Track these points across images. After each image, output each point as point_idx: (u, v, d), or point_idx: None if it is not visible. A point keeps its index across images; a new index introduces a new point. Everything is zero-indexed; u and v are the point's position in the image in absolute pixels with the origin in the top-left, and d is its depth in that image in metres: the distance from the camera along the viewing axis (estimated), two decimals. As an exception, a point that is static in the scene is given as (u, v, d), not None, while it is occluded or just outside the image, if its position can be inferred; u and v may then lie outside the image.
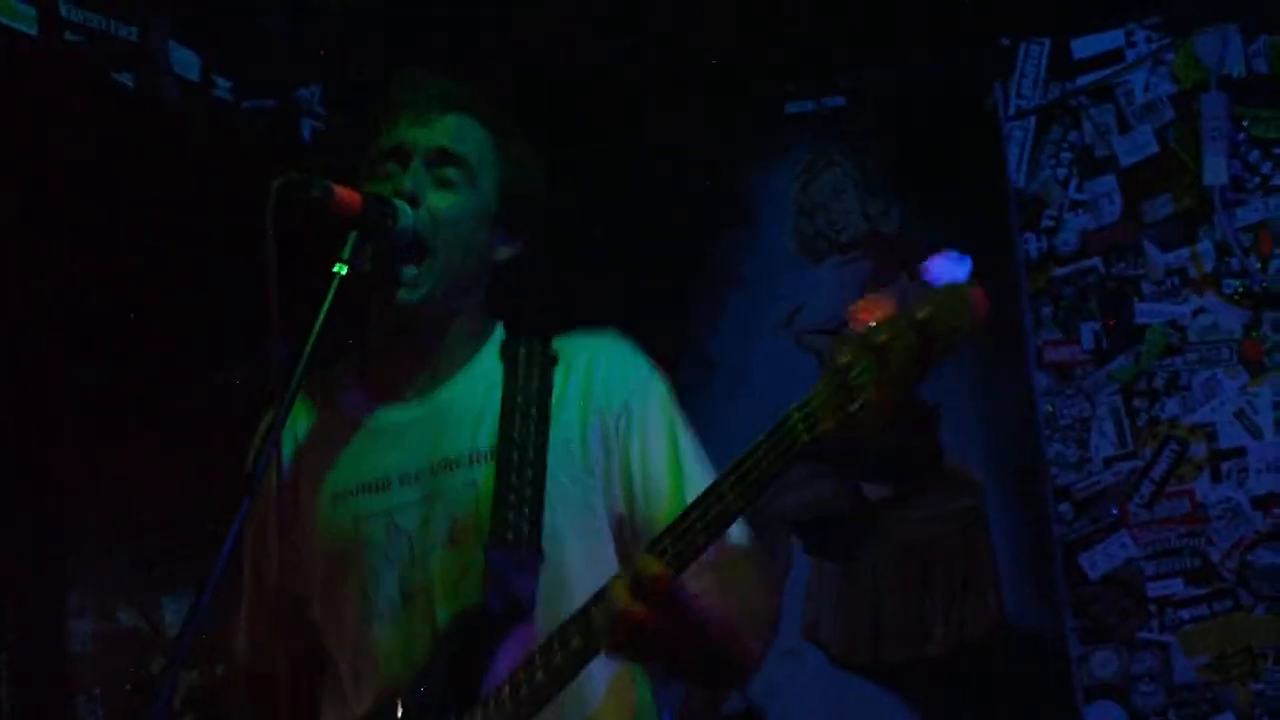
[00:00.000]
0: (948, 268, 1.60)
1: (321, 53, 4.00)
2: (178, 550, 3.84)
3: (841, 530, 4.21)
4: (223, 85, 3.85)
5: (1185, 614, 3.89)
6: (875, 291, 1.66)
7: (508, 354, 2.18)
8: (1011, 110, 4.23)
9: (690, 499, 1.95)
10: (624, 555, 2.12)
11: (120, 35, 3.57)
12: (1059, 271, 4.15)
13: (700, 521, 1.77)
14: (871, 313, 1.63)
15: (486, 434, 2.11)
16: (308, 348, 1.95)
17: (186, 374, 3.81)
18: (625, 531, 2.12)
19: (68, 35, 3.44)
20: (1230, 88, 3.97)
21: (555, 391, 2.15)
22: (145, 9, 3.62)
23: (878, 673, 4.17)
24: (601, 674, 2.01)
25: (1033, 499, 4.10)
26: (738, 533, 2.02)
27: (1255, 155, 3.94)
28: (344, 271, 1.97)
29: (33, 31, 3.36)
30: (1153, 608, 3.92)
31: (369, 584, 2.12)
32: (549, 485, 2.07)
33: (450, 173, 2.12)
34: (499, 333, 2.24)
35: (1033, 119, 4.22)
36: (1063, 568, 4.04)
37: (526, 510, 2.05)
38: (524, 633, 2.01)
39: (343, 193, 2.00)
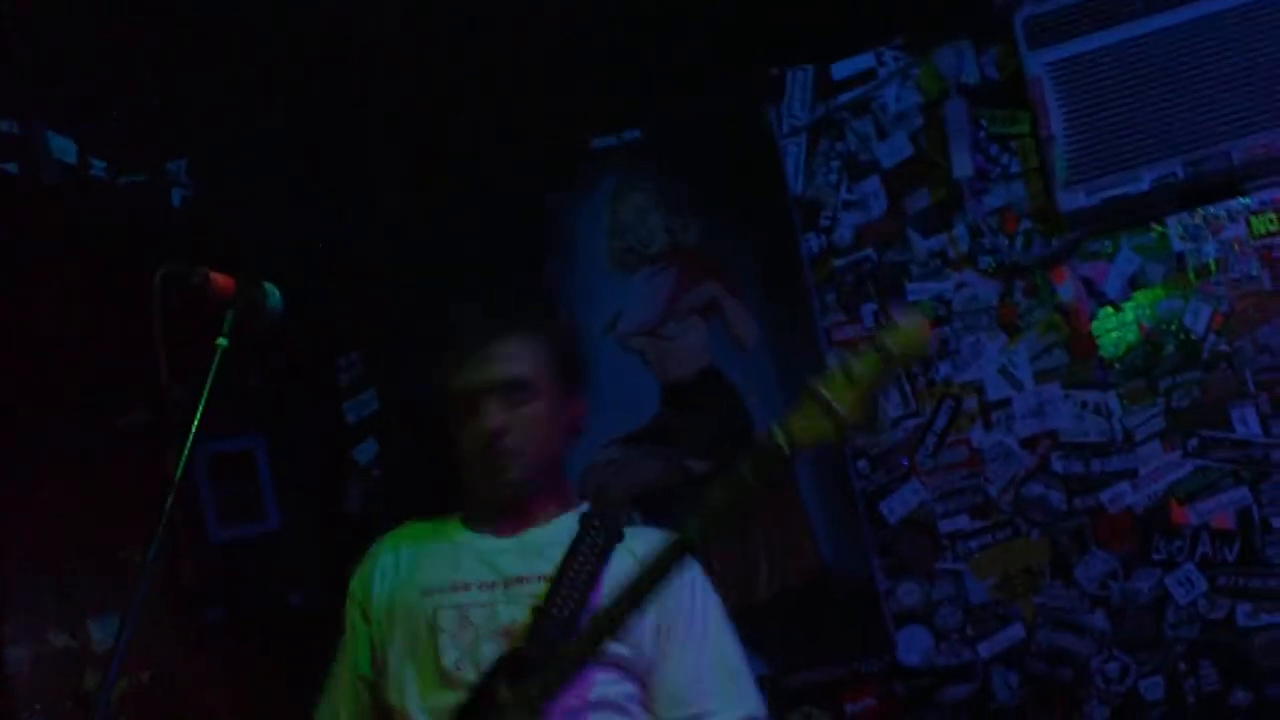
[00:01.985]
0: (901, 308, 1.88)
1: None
2: (97, 576, 3.92)
3: (673, 501, 4.33)
4: (99, 165, 3.95)
5: (973, 544, 4.13)
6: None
7: (586, 522, 2.44)
8: (785, 129, 4.39)
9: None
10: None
11: (1, 129, 3.68)
12: (838, 263, 4.32)
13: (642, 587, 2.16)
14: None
15: (550, 565, 2.37)
16: (198, 412, 2.16)
17: (93, 419, 3.90)
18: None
19: (-48, 134, 3.57)
20: (968, 94, 4.19)
21: (614, 563, 2.38)
22: (23, 104, 3.71)
23: (716, 620, 4.31)
24: None
25: (834, 459, 4.25)
26: None
27: (995, 149, 4.17)
28: (225, 344, 2.19)
29: (-82, 134, 3.46)
30: (946, 542, 4.15)
31: (436, 658, 2.38)
32: (579, 621, 2.30)
33: (519, 395, 2.40)
34: (583, 506, 2.52)
35: (804, 135, 4.38)
36: (866, 515, 4.23)
37: (561, 626, 2.30)
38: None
39: (217, 278, 2.21)
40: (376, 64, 3.96)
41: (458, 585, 2.44)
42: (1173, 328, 4.04)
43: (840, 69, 4.37)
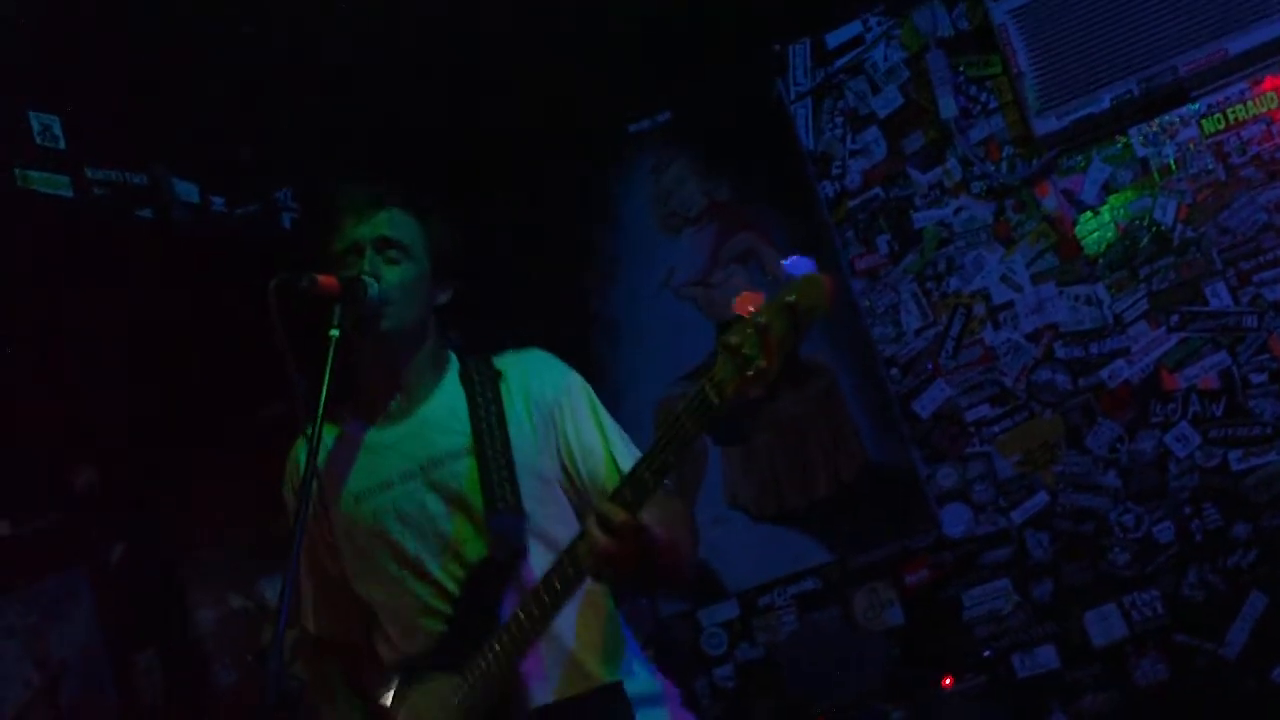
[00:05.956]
0: (800, 263, 1.81)
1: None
2: (259, 544, 4.22)
3: (736, 423, 4.61)
4: (218, 201, 4.09)
5: (996, 428, 4.40)
6: (747, 291, 1.85)
7: (465, 377, 2.47)
8: (793, 95, 4.66)
9: (617, 455, 2.35)
10: (575, 507, 2.43)
11: (134, 182, 3.82)
12: (852, 204, 4.60)
13: (648, 472, 2.06)
14: (751, 302, 1.83)
15: (461, 436, 2.39)
16: (323, 390, 2.23)
17: (245, 414, 4.23)
18: (570, 489, 2.44)
19: (95, 191, 3.67)
20: (945, 45, 4.47)
21: (505, 398, 2.42)
22: (148, 159, 3.87)
23: (784, 519, 4.60)
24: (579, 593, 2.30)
25: (870, 370, 4.52)
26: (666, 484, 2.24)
27: (974, 89, 4.46)
28: (337, 335, 2.27)
29: (70, 194, 3.60)
30: (972, 429, 4.42)
31: (395, 556, 2.41)
32: (515, 465, 2.35)
33: (392, 253, 2.42)
34: (454, 362, 2.52)
35: (809, 98, 4.66)
36: (902, 414, 4.50)
37: (507, 486, 2.33)
38: (525, 574, 2.33)
39: (323, 279, 2.27)
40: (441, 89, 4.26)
41: (384, 484, 2.42)
42: (1145, 222, 4.30)
43: (833, 38, 4.69)
